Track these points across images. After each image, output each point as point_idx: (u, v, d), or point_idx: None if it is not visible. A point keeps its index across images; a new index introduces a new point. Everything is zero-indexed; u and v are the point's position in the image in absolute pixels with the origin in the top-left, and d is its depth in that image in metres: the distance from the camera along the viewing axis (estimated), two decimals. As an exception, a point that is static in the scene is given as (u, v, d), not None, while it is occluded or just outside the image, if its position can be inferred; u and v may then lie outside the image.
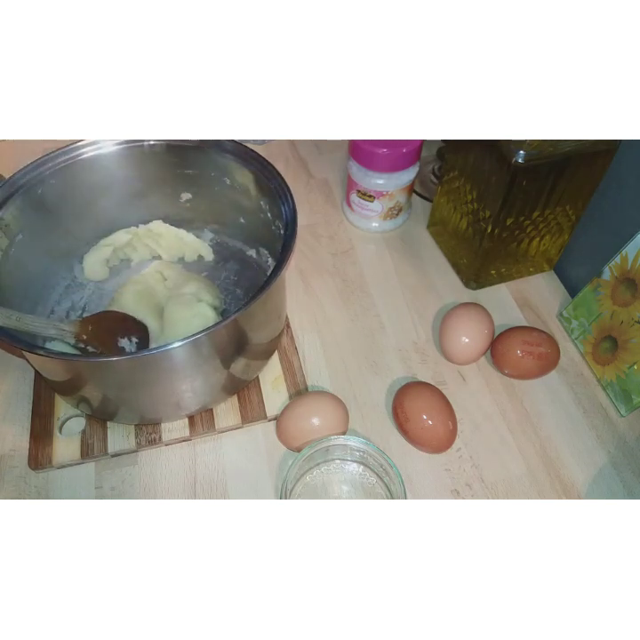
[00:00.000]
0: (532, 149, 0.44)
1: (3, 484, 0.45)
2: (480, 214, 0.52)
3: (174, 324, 0.48)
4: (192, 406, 0.46)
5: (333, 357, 0.53)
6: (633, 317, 0.46)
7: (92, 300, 0.54)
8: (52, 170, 0.47)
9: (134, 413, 0.46)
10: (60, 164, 0.47)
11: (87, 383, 0.43)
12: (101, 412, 0.46)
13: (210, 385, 0.45)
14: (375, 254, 0.62)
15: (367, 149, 0.56)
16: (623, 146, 0.47)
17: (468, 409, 0.50)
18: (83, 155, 0.48)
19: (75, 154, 0.48)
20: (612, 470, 0.47)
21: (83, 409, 0.47)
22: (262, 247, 0.54)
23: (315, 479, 0.46)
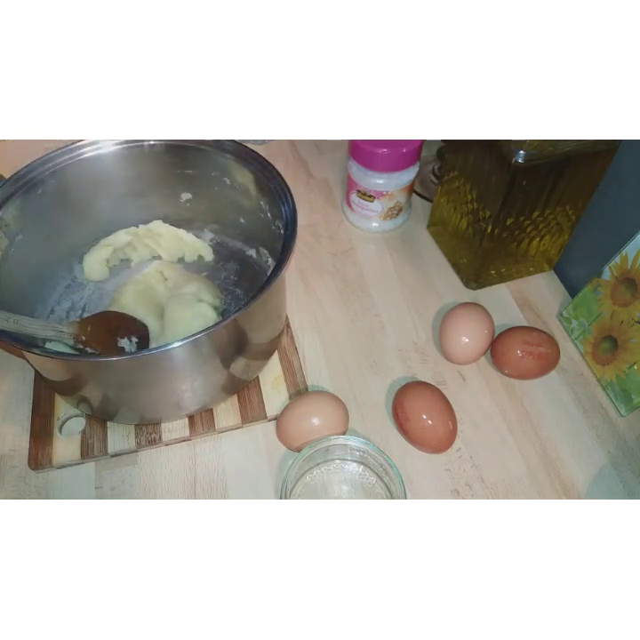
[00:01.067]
0: (532, 149, 0.44)
1: (3, 484, 0.45)
2: (480, 214, 0.52)
3: (175, 324, 0.48)
4: (192, 406, 0.46)
5: (333, 357, 0.53)
6: (633, 317, 0.46)
7: (92, 300, 0.54)
8: (51, 170, 0.47)
9: (134, 413, 0.46)
10: (60, 164, 0.47)
11: (87, 383, 0.43)
12: (101, 411, 0.46)
13: (210, 385, 0.45)
14: (375, 254, 0.62)
15: (367, 149, 0.56)
16: (623, 146, 0.47)
17: (468, 409, 0.50)
18: (83, 155, 0.48)
19: (75, 154, 0.48)
20: (612, 470, 0.47)
21: (83, 409, 0.47)
22: (262, 247, 0.54)
23: (315, 479, 0.46)
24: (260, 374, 0.50)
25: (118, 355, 0.45)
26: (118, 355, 0.45)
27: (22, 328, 0.39)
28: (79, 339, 0.44)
